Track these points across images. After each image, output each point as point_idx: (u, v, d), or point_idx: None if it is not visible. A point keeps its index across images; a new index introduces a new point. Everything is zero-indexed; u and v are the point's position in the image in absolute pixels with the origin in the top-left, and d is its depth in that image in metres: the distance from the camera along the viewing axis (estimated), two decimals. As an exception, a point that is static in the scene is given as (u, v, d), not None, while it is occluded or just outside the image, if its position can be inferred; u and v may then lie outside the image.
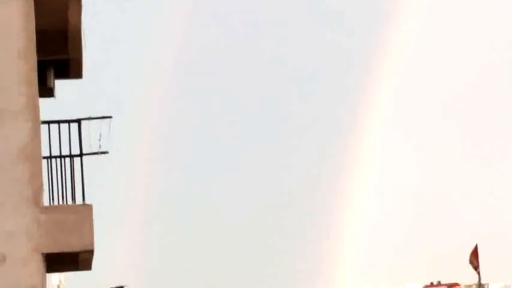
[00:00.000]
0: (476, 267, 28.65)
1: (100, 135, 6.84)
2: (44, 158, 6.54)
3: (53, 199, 6.74)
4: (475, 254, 28.79)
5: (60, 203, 6.68)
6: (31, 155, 6.10)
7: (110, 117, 6.91)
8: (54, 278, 23.89)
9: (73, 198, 6.64)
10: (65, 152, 6.75)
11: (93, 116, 6.82)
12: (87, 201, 6.52)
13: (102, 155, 7.01)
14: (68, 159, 6.73)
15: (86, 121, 6.71)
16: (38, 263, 6.04)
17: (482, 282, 30.03)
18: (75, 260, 6.76)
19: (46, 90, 7.04)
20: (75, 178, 6.70)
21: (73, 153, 6.74)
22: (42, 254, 6.07)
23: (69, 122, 6.70)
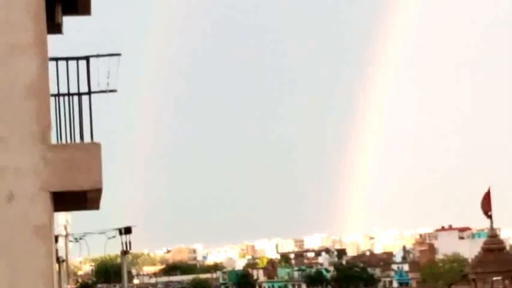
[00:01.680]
0: (487, 212, 28.36)
1: (108, 73, 6.69)
2: (52, 95, 6.44)
3: (61, 137, 6.66)
4: (487, 198, 28.48)
5: (69, 141, 6.60)
6: (39, 92, 5.98)
7: (118, 54, 6.74)
8: (61, 217, 23.85)
9: (81, 137, 6.55)
10: (73, 89, 6.64)
11: (101, 54, 6.67)
12: (95, 140, 6.44)
13: (111, 93, 6.87)
14: (76, 97, 6.63)
15: (95, 58, 6.57)
16: (46, 202, 5.97)
17: (494, 226, 29.80)
18: (83, 199, 6.69)
19: (54, 27, 6.86)
20: (83, 116, 6.60)
21: (81, 91, 6.64)
22: (50, 192, 6.01)
23: (77, 59, 6.55)
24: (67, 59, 6.58)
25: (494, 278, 28.57)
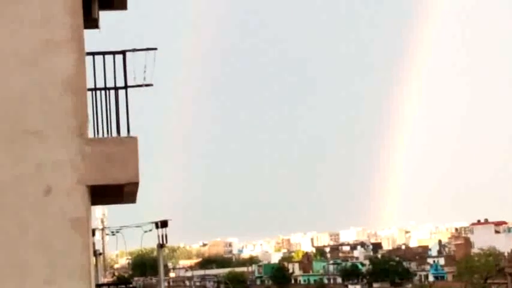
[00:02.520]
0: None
1: (145, 67, 6.72)
2: (89, 90, 6.48)
3: (98, 132, 6.71)
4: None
5: (105, 135, 6.66)
6: (76, 86, 6.01)
7: (155, 49, 6.77)
8: (98, 211, 23.97)
9: (118, 131, 6.59)
10: (110, 84, 6.69)
11: (138, 48, 6.70)
12: (132, 134, 6.47)
13: (147, 87, 6.91)
14: (112, 92, 6.67)
15: (131, 53, 6.59)
16: (83, 195, 6.00)
17: (530, 220, 28.90)
18: (119, 192, 6.73)
19: (90, 21, 6.90)
20: (119, 110, 6.64)
21: (118, 85, 6.68)
22: (87, 186, 6.03)
23: (114, 53, 6.59)
24: (104, 53, 6.61)
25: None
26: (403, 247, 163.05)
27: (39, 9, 5.99)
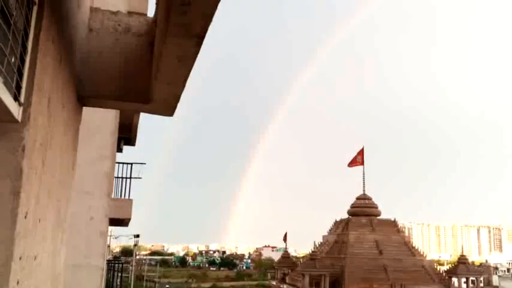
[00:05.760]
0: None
1: (139, 171, 15.32)
2: (115, 177, 15.08)
3: (116, 195, 15.20)
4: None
5: (118, 197, 15.22)
6: (110, 176, 14.56)
7: (144, 163, 15.42)
8: (110, 228, 36.37)
9: (124, 195, 15.11)
10: (124, 175, 15.35)
11: (137, 162, 15.35)
12: (130, 197, 14.92)
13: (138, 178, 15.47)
14: (125, 180, 15.31)
15: (135, 164, 15.26)
16: (106, 221, 14.43)
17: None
18: (121, 222, 15.21)
19: (119, 149, 15.56)
20: (127, 186, 15.32)
21: (127, 176, 15.38)
22: (108, 217, 14.49)
23: (127, 163, 15.23)
24: (123, 163, 15.20)
25: None
26: (235, 254, 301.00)
27: (100, 143, 14.62)
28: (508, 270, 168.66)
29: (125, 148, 16.37)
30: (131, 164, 14.55)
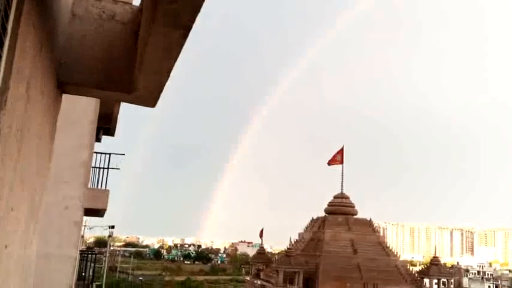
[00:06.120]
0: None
1: (117, 163, 15.17)
2: (92, 167, 14.92)
3: (92, 185, 15.03)
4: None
5: (95, 187, 15.05)
6: (87, 165, 14.42)
7: (123, 154, 15.28)
8: (85, 218, 36.36)
9: (101, 185, 14.96)
10: (101, 165, 15.18)
11: (115, 153, 15.20)
12: (107, 188, 14.78)
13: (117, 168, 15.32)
14: (102, 170, 15.15)
15: (113, 155, 15.10)
16: (81, 211, 14.29)
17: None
18: (98, 212, 15.06)
19: (98, 139, 15.41)
20: (104, 176, 15.15)
21: (105, 166, 15.22)
22: (84, 207, 14.36)
23: (105, 153, 15.08)
24: (101, 153, 15.04)
25: None
26: (210, 248, 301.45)
27: (77, 134, 14.44)
28: (478, 272, 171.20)
29: (104, 138, 16.19)
30: (109, 154, 14.37)
